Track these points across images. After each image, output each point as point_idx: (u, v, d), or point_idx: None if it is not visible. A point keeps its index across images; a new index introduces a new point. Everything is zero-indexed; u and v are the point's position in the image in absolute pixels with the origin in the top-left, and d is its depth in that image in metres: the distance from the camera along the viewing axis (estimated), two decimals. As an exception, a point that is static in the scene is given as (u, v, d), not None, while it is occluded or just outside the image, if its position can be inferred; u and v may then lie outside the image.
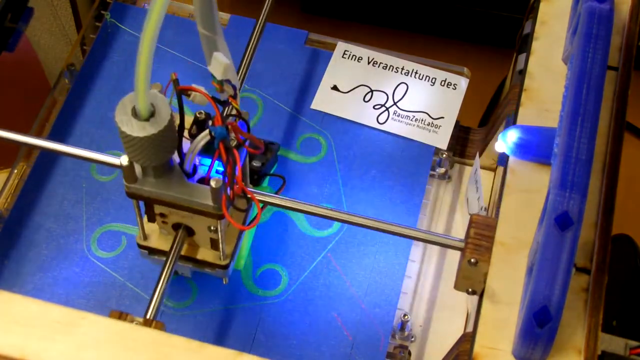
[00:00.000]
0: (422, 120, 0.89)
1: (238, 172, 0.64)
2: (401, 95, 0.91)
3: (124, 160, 0.64)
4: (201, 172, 0.68)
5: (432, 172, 0.88)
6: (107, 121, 0.89)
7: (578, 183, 0.57)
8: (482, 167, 0.87)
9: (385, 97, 0.91)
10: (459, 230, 0.87)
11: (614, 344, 0.71)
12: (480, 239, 0.64)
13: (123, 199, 0.84)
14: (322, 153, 0.88)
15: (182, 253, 0.73)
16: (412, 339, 0.80)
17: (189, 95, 0.65)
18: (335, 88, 0.91)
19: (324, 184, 0.86)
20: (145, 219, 0.72)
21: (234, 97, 0.68)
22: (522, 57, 0.81)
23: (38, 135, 0.88)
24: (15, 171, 0.86)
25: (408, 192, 0.86)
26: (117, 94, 0.91)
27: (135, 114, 0.60)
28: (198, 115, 0.70)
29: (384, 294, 0.80)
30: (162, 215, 0.71)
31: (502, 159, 0.66)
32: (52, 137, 0.87)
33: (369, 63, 0.93)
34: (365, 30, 1.35)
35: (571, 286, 0.56)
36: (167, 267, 0.71)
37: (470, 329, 0.67)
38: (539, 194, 0.64)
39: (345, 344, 0.78)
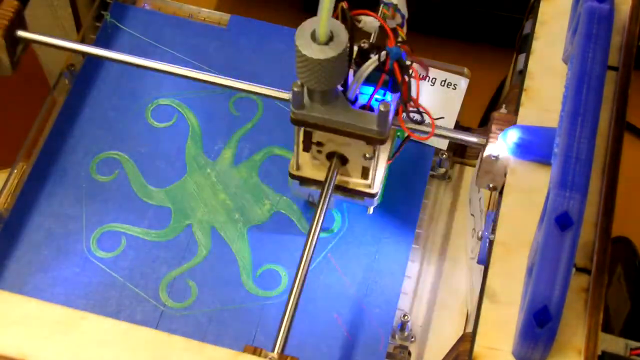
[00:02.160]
0: (422, 120, 0.89)
1: (417, 87, 0.68)
2: (401, 95, 0.91)
3: (295, 85, 0.67)
4: (361, 100, 0.69)
5: (432, 173, 0.88)
6: (107, 121, 0.89)
7: (578, 183, 0.57)
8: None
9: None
10: (460, 230, 0.87)
11: (614, 344, 0.71)
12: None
13: (123, 199, 0.85)
14: (322, 153, 0.88)
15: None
16: (412, 339, 0.80)
17: (359, 22, 0.69)
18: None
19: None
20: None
21: (401, 26, 0.71)
22: (522, 57, 0.81)
23: (38, 135, 0.88)
24: (15, 171, 0.86)
25: (408, 192, 0.86)
26: (117, 94, 0.91)
27: (314, 38, 0.63)
28: (362, 44, 0.70)
29: (384, 294, 0.80)
30: (318, 144, 0.73)
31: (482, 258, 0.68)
32: (52, 137, 0.88)
33: (369, 63, 0.93)
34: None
35: (571, 286, 0.56)
36: (324, 194, 0.72)
37: (470, 329, 0.67)
38: (539, 194, 0.64)
39: (345, 344, 0.78)
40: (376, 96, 0.69)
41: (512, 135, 0.67)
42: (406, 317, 0.80)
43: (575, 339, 0.60)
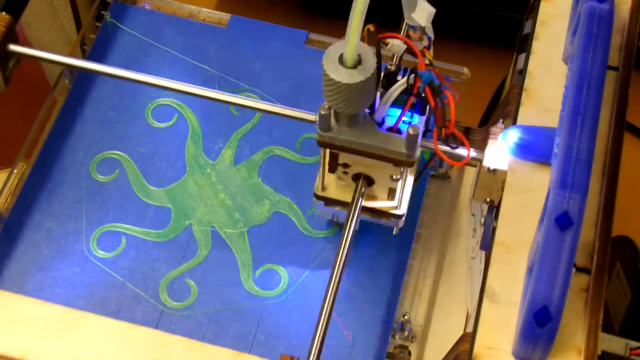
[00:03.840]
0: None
1: (452, 113, 0.67)
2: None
3: (322, 108, 0.66)
4: (388, 122, 0.69)
5: (432, 172, 0.88)
6: (107, 121, 0.89)
7: (578, 183, 0.57)
8: (482, 167, 0.87)
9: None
10: (461, 230, 0.87)
11: (614, 344, 0.71)
12: None
13: (123, 199, 0.85)
14: (322, 153, 0.88)
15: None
16: (412, 339, 0.80)
17: (386, 45, 0.68)
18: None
19: (324, 184, 0.86)
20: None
21: (428, 48, 0.71)
22: (522, 57, 0.81)
23: (38, 135, 0.88)
24: (15, 171, 0.86)
25: (408, 192, 0.86)
26: (117, 94, 0.91)
27: (341, 62, 0.62)
28: (389, 67, 0.70)
29: (384, 294, 0.80)
30: (345, 165, 0.73)
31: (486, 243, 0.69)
32: (52, 137, 0.88)
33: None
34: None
35: (571, 286, 0.56)
36: (351, 215, 0.72)
37: (470, 329, 0.67)
38: (539, 194, 0.64)
39: (345, 344, 0.78)
40: (404, 118, 0.68)
41: (512, 135, 0.67)
42: (406, 317, 0.80)
43: (575, 339, 0.60)
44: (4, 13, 0.71)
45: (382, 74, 0.69)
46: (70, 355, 0.58)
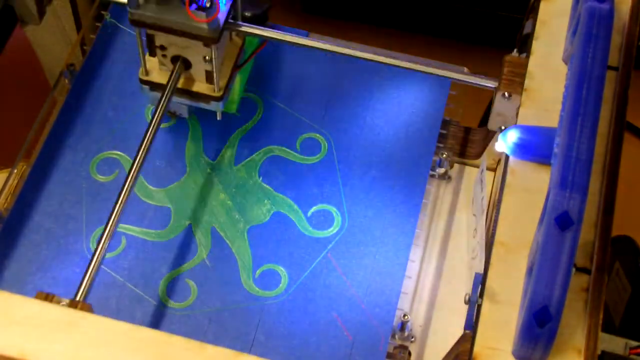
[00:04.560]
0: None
1: None
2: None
3: None
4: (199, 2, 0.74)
5: (432, 172, 0.88)
6: (107, 121, 0.89)
7: (578, 183, 0.57)
8: (483, 167, 0.87)
9: (386, 97, 0.91)
10: (461, 230, 0.87)
11: (614, 344, 0.71)
12: (513, 75, 0.73)
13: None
14: (322, 153, 0.88)
15: (179, 86, 0.80)
16: (412, 339, 0.80)
17: None
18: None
19: (324, 184, 0.86)
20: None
21: None
22: (522, 57, 0.81)
23: (38, 135, 0.88)
24: (15, 171, 0.86)
25: (408, 192, 0.86)
26: (117, 94, 0.91)
27: None
28: None
29: (384, 294, 0.80)
30: (162, 47, 0.78)
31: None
32: (52, 137, 0.88)
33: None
34: (365, 30, 1.35)
35: (571, 286, 0.56)
36: (164, 97, 0.77)
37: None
38: (539, 194, 0.64)
39: (345, 344, 0.78)
40: None
41: (512, 135, 0.67)
42: (406, 317, 0.80)
43: (575, 338, 0.60)
44: None
45: None
46: (70, 355, 0.58)
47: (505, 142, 0.67)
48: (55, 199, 0.84)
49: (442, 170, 0.89)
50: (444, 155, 0.88)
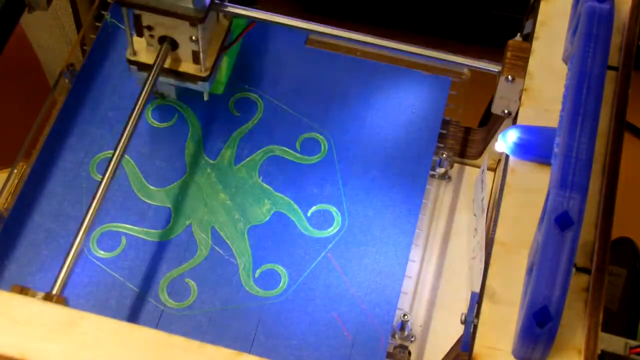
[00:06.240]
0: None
1: None
2: (401, 95, 0.91)
3: None
4: None
5: (432, 172, 0.88)
6: (107, 121, 0.89)
7: (578, 183, 0.57)
8: (483, 167, 0.87)
9: (386, 97, 0.91)
10: (461, 230, 0.87)
11: (614, 344, 0.71)
12: (516, 59, 0.74)
13: (123, 199, 0.85)
14: (322, 153, 0.88)
15: (166, 66, 0.81)
16: (412, 339, 0.80)
17: None
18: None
19: (324, 184, 0.86)
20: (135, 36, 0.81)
21: None
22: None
23: (38, 135, 0.88)
24: (15, 171, 0.86)
25: (408, 192, 0.86)
26: (117, 94, 0.91)
27: None
28: None
29: (384, 294, 0.80)
30: (149, 28, 0.80)
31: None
32: (52, 137, 0.88)
33: (369, 63, 0.93)
34: (365, 30, 1.35)
35: (571, 286, 0.56)
36: (151, 76, 0.78)
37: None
38: (539, 194, 0.64)
39: (345, 344, 0.78)
40: None
41: (512, 135, 0.67)
42: (406, 317, 0.80)
43: (575, 338, 0.60)
44: None
45: None
46: (70, 355, 0.58)
47: (505, 142, 0.67)
48: (55, 199, 0.84)
49: (442, 170, 0.89)
50: (444, 155, 0.88)
